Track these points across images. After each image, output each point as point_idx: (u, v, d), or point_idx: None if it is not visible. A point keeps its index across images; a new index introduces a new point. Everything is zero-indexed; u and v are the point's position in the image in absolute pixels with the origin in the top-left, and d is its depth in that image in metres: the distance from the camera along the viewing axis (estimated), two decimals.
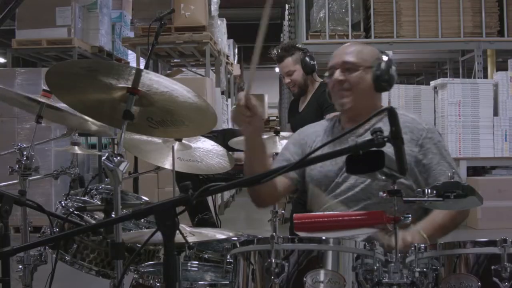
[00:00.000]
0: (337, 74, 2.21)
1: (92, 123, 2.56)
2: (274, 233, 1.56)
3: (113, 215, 1.85)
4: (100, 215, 2.42)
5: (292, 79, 3.91)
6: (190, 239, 1.91)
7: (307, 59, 3.87)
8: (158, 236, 1.36)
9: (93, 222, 2.40)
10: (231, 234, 2.09)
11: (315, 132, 2.39)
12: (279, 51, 3.96)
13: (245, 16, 15.24)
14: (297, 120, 4.00)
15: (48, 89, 2.32)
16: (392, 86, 2.25)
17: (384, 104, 2.42)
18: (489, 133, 7.14)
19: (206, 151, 2.45)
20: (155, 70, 9.03)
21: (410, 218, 1.63)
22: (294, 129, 3.97)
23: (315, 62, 3.91)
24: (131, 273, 2.21)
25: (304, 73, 3.88)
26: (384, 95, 8.32)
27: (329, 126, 2.38)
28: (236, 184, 1.45)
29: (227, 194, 9.47)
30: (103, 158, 1.67)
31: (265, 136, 2.83)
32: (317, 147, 1.44)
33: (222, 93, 8.53)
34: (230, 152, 2.71)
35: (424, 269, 1.60)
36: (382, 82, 2.21)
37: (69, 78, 1.79)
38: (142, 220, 2.55)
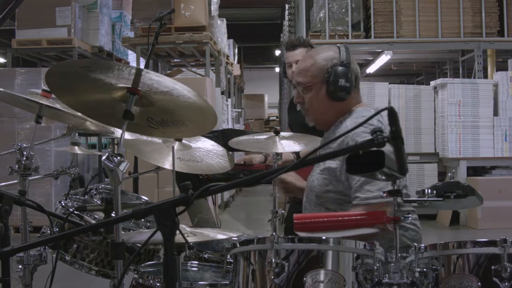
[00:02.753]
0: (296, 95, 2.20)
1: (92, 123, 2.55)
2: (274, 233, 1.56)
3: (113, 215, 1.85)
4: (100, 215, 2.42)
5: None
6: (190, 239, 1.90)
7: None
8: (158, 236, 1.36)
9: (93, 222, 2.39)
10: (231, 234, 2.08)
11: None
12: (295, 40, 3.95)
13: (245, 16, 15.23)
14: (293, 118, 4.01)
15: (48, 89, 2.32)
16: (350, 92, 2.14)
17: (384, 104, 2.40)
18: (489, 133, 7.14)
19: (206, 151, 2.44)
20: (155, 70, 9.02)
21: (410, 218, 1.63)
22: (290, 127, 3.98)
23: None
24: (131, 273, 2.21)
25: None
26: (385, 95, 8.30)
27: None
28: (236, 184, 1.44)
29: (227, 194, 9.46)
30: (103, 158, 1.67)
31: (265, 136, 2.83)
32: (310, 151, 1.44)
33: (222, 93, 8.53)
34: (269, 156, 2.65)
35: (424, 269, 1.60)
36: (338, 93, 2.14)
37: (69, 78, 1.79)
38: (142, 220, 2.55)
